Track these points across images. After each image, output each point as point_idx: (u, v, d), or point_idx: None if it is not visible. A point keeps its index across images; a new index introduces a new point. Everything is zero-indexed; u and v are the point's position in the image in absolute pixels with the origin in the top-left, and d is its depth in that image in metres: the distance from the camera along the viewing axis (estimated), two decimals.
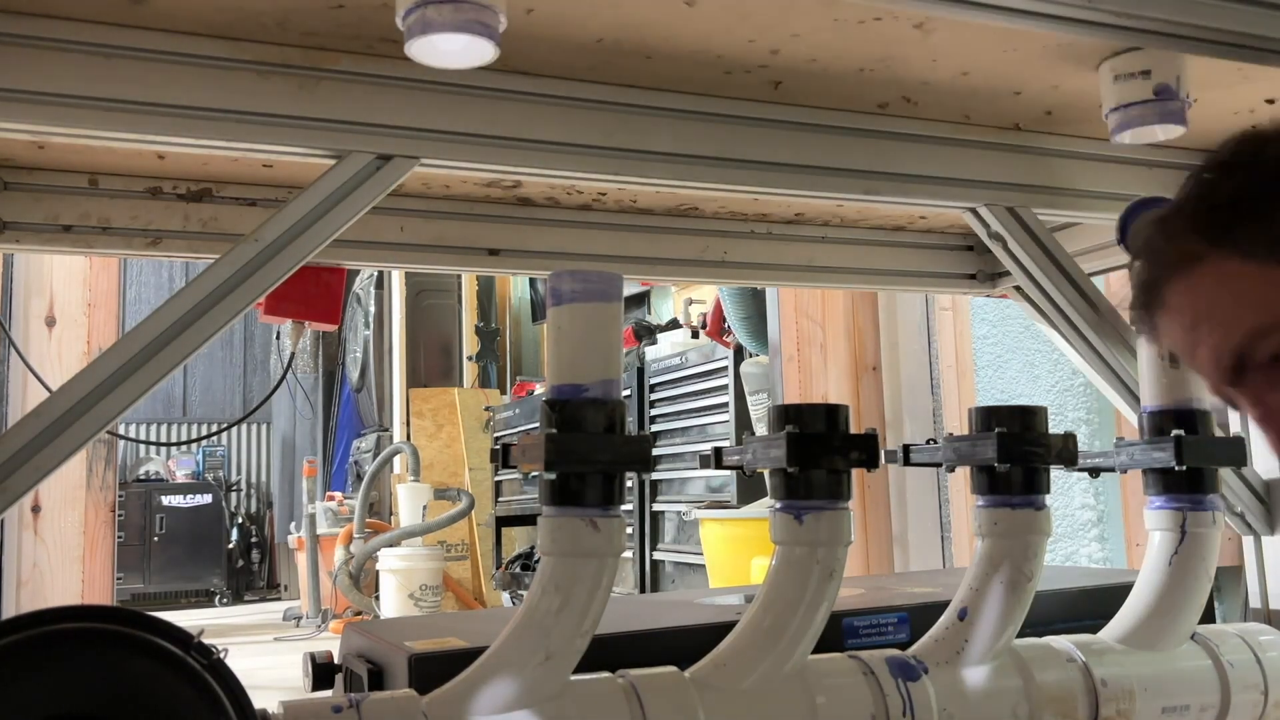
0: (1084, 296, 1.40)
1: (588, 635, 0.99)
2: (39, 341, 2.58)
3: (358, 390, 7.59)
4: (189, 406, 9.83)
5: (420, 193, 1.52)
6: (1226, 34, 1.02)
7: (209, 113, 1.04)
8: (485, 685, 0.97)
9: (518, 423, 5.17)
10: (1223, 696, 1.29)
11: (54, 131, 1.03)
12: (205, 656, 0.87)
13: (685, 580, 3.53)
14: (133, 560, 7.92)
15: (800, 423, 1.09)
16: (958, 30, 1.09)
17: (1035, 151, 1.42)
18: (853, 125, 1.32)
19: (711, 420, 3.45)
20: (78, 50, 1.00)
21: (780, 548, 1.11)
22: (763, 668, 1.08)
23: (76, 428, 0.95)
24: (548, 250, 1.57)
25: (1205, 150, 1.50)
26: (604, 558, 0.99)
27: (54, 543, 2.57)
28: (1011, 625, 1.19)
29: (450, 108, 1.12)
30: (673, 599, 2.15)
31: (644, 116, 1.22)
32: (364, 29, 1.04)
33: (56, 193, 1.38)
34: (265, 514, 9.69)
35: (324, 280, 1.54)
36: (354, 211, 1.07)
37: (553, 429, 0.98)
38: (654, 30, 1.07)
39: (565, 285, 1.01)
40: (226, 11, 1.00)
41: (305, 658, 1.20)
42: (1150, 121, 1.16)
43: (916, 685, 1.13)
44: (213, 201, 1.44)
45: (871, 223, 1.79)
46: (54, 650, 0.84)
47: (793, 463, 1.08)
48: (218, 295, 1.01)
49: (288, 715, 0.95)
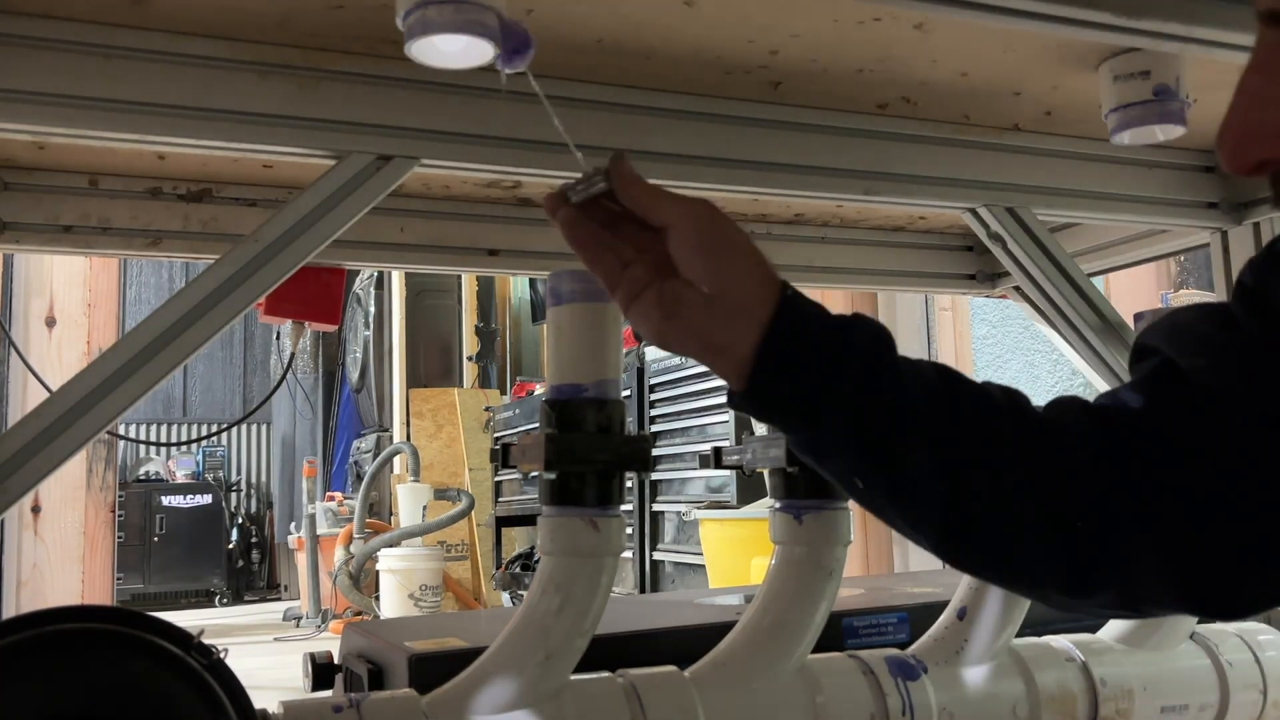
0: (1084, 297, 1.40)
1: (588, 635, 0.99)
2: (39, 342, 2.58)
3: (357, 390, 7.59)
4: (189, 407, 9.84)
5: (420, 193, 1.52)
6: (1226, 34, 1.02)
7: (209, 113, 1.04)
8: (485, 685, 0.97)
9: (517, 423, 5.17)
10: (1222, 696, 1.29)
11: (54, 132, 1.03)
12: (205, 657, 0.87)
13: (685, 580, 3.53)
14: (133, 560, 7.92)
15: None
16: (957, 30, 1.09)
17: (1035, 152, 1.42)
18: (852, 125, 1.32)
19: (711, 420, 3.45)
20: (78, 50, 1.00)
21: (780, 547, 1.11)
22: (763, 667, 1.08)
23: (76, 428, 0.95)
24: (548, 250, 1.57)
25: (1205, 150, 1.51)
26: (604, 557, 0.99)
27: (54, 543, 2.57)
28: (1011, 625, 1.19)
29: (450, 108, 1.12)
30: (673, 599, 2.15)
31: (644, 116, 1.22)
32: (364, 29, 1.04)
33: (56, 193, 1.38)
34: (265, 514, 9.69)
35: (324, 280, 1.54)
36: (354, 212, 1.07)
37: (552, 429, 0.98)
38: (654, 30, 1.07)
39: (565, 285, 1.01)
40: (226, 11, 1.00)
41: (305, 658, 1.20)
42: (1150, 122, 1.16)
43: (916, 685, 1.13)
44: (213, 202, 1.44)
45: (871, 223, 1.79)
46: (54, 650, 0.84)
47: (792, 462, 1.08)
48: (218, 296, 1.01)
49: (288, 715, 0.95)
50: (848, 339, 0.72)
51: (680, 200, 0.77)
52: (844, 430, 0.71)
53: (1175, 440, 0.68)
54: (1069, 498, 0.69)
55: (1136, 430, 0.70)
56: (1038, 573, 0.71)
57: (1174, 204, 1.52)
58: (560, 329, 1.00)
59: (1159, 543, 0.67)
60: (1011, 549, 0.71)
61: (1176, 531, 0.67)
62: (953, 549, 0.73)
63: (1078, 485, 0.69)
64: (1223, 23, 1.00)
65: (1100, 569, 0.69)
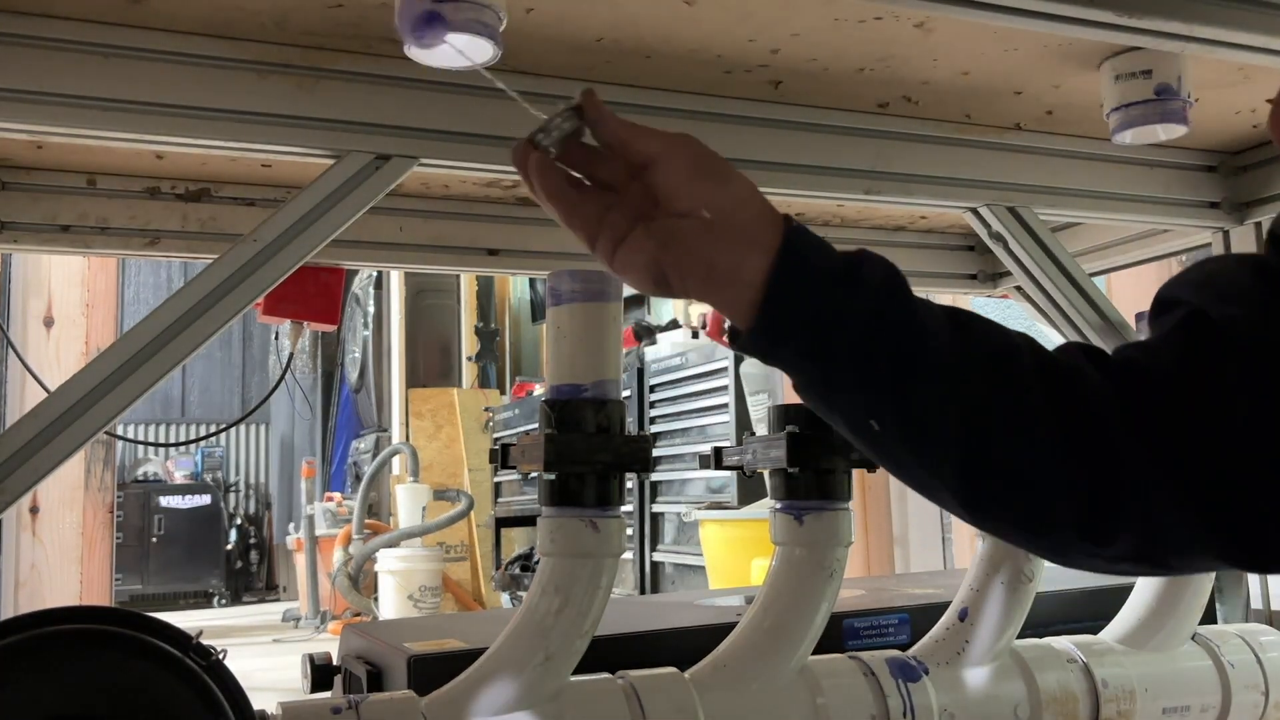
0: (1085, 296, 1.39)
1: (587, 636, 0.99)
2: (37, 342, 2.57)
3: (356, 391, 7.59)
4: (187, 407, 9.84)
5: (419, 193, 1.52)
6: (1228, 33, 1.02)
7: (208, 112, 1.04)
8: (484, 686, 0.97)
9: (517, 423, 5.16)
10: (1223, 697, 1.29)
11: (52, 131, 1.02)
12: (204, 658, 0.86)
13: (685, 581, 3.53)
14: (131, 561, 7.92)
15: (800, 423, 1.09)
16: (958, 30, 1.08)
17: (1036, 151, 1.42)
18: (853, 125, 1.31)
19: (711, 421, 3.44)
20: (76, 50, 1.00)
21: (780, 548, 1.11)
22: (763, 669, 1.08)
23: (75, 428, 0.94)
24: (548, 250, 1.57)
25: (1206, 150, 1.51)
26: (603, 558, 0.99)
27: (52, 544, 2.57)
28: (1012, 626, 1.19)
29: (450, 108, 1.12)
30: (673, 600, 2.15)
31: (644, 116, 1.20)
32: (363, 29, 1.04)
33: (55, 193, 1.37)
34: (264, 515, 9.69)
35: (323, 280, 1.54)
36: (353, 211, 1.06)
37: (552, 429, 0.97)
38: (654, 30, 1.07)
39: (565, 285, 1.00)
40: (225, 11, 1.00)
41: (304, 659, 1.20)
42: (1151, 121, 1.16)
43: (917, 686, 1.13)
44: (211, 201, 1.44)
45: (872, 223, 1.79)
46: (52, 651, 0.83)
47: (793, 463, 1.08)
48: (216, 295, 1.00)
49: (286, 716, 0.94)
50: (861, 265, 0.70)
51: (662, 132, 0.75)
52: (860, 358, 0.68)
53: (1208, 389, 0.66)
54: (1091, 435, 0.67)
55: (1165, 378, 0.68)
56: (1058, 510, 0.69)
57: (1175, 203, 1.52)
58: (560, 329, 1.00)
59: (1188, 489, 0.66)
60: (1032, 483, 0.68)
61: (1208, 478, 0.66)
62: (972, 487, 0.70)
63: (1099, 424, 0.67)
64: (1224, 22, 1.00)
65: (1122, 509, 0.67)
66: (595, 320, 1.00)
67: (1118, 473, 0.67)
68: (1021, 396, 0.68)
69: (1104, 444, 0.67)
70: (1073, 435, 0.68)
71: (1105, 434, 0.67)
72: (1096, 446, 0.67)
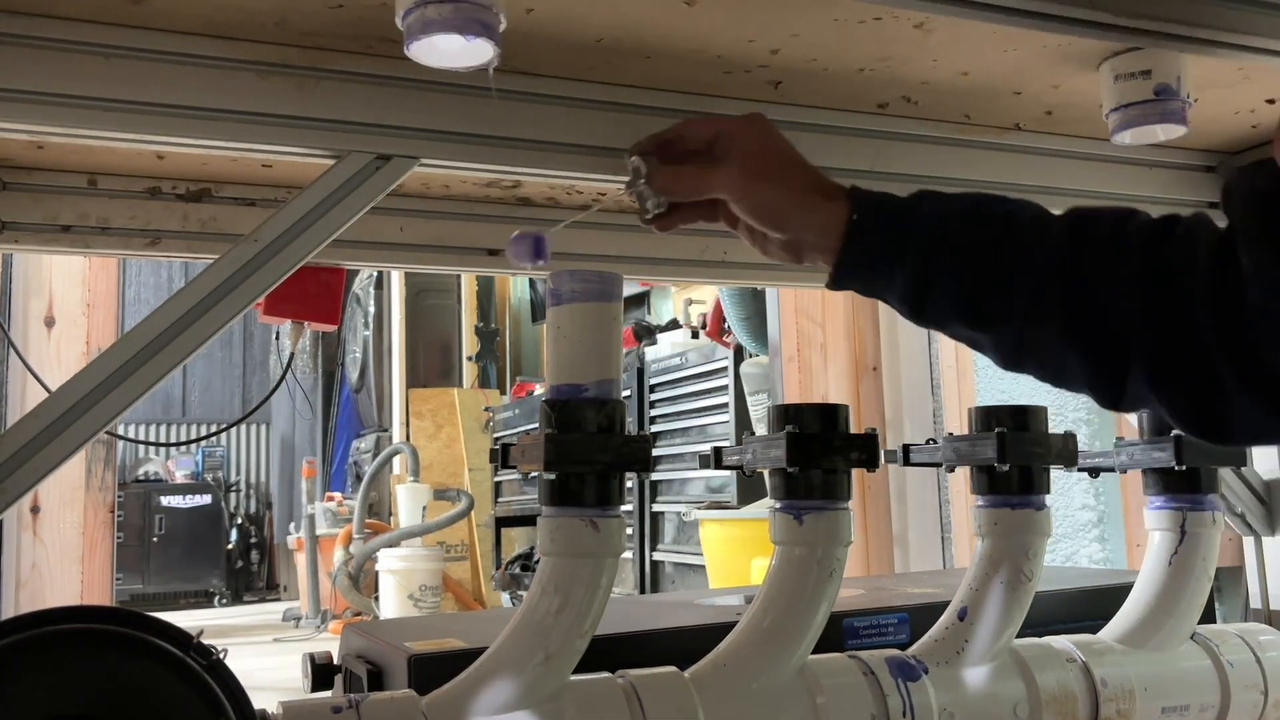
0: None
1: (587, 636, 0.99)
2: (38, 342, 2.58)
3: (357, 390, 7.59)
4: (188, 407, 9.84)
5: (420, 193, 1.52)
6: (1226, 34, 1.02)
7: (208, 113, 1.04)
8: (484, 686, 0.97)
9: (517, 423, 5.17)
10: (1223, 696, 1.29)
11: (53, 131, 1.02)
12: (205, 657, 0.87)
13: (685, 581, 3.53)
14: (132, 561, 7.93)
15: (800, 423, 1.09)
16: (958, 30, 1.09)
17: (1036, 152, 1.42)
18: (853, 125, 1.31)
19: (711, 420, 3.45)
20: (76, 50, 1.00)
21: (780, 548, 1.11)
22: (763, 668, 1.08)
23: (75, 428, 0.94)
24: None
25: (1206, 150, 1.51)
26: (604, 558, 0.99)
27: (53, 543, 2.57)
28: (1011, 625, 1.19)
29: (450, 108, 1.12)
30: (673, 599, 2.15)
31: (644, 116, 1.21)
32: (364, 29, 1.04)
33: (55, 193, 1.37)
34: (264, 514, 9.70)
35: (323, 280, 1.54)
36: (353, 211, 1.06)
37: (552, 429, 0.97)
38: (654, 30, 1.07)
39: (565, 285, 1.00)
40: (225, 11, 1.00)
41: (304, 658, 1.20)
42: (1151, 121, 1.16)
43: (916, 685, 1.13)
44: (212, 201, 1.44)
45: None
46: (53, 651, 0.83)
47: (793, 463, 1.08)
48: (217, 295, 1.00)
49: (287, 715, 0.94)
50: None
51: (715, 167, 1.03)
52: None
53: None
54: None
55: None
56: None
57: (1175, 204, 1.52)
58: (560, 329, 1.00)
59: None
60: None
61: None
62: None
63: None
64: (1224, 23, 1.00)
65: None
66: (595, 320, 1.00)
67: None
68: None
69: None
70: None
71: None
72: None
